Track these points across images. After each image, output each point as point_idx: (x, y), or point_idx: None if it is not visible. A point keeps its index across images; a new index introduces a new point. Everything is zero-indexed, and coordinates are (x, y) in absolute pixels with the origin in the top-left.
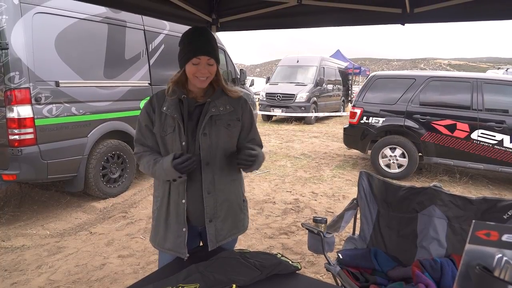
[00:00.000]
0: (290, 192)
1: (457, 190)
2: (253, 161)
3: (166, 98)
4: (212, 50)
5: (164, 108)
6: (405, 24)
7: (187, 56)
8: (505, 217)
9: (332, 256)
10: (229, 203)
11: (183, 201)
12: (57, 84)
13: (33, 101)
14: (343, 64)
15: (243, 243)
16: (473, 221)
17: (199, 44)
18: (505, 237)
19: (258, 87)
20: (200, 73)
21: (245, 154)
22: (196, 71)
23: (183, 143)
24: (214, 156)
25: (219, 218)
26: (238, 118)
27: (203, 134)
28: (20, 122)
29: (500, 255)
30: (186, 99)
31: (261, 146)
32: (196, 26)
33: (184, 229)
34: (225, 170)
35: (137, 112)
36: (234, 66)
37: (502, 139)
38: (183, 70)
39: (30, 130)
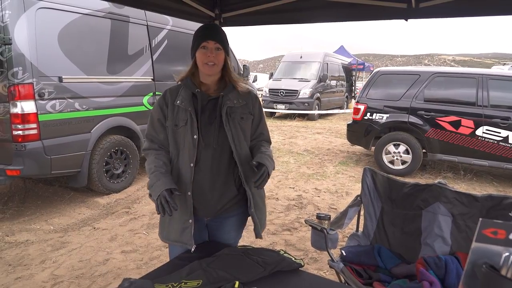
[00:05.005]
0: (293, 188)
1: (461, 187)
2: (266, 174)
3: (180, 92)
4: (220, 37)
5: (178, 102)
6: (408, 20)
7: (197, 43)
8: (510, 214)
9: (336, 252)
10: (259, 192)
11: (189, 193)
12: (60, 79)
13: (36, 97)
14: (347, 60)
15: (246, 239)
16: (480, 219)
17: (207, 32)
18: None
19: (261, 83)
20: (207, 58)
21: (258, 173)
22: (205, 56)
23: (195, 136)
24: (239, 148)
25: (257, 207)
26: (250, 112)
27: (226, 127)
28: (24, 118)
29: (507, 254)
30: (200, 93)
31: (269, 141)
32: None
33: (190, 221)
34: (249, 161)
35: (140, 108)
36: (237, 62)
37: (508, 135)
38: (194, 61)
39: (34, 125)
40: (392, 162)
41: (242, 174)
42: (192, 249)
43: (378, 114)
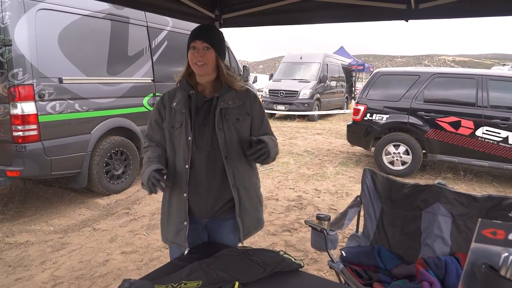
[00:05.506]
0: (293, 189)
1: (461, 187)
2: (265, 150)
3: (177, 94)
4: (209, 37)
5: (174, 104)
6: (409, 21)
7: (188, 44)
8: (510, 215)
9: (335, 253)
10: (250, 197)
11: (185, 195)
12: (60, 80)
13: (36, 98)
14: (347, 61)
15: (246, 240)
16: (479, 219)
17: (196, 32)
18: (511, 236)
19: (261, 84)
20: (195, 58)
21: (254, 146)
22: (193, 56)
23: (189, 137)
24: (231, 151)
25: (245, 212)
26: (248, 112)
27: (219, 129)
28: (24, 119)
29: (506, 254)
30: (194, 95)
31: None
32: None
33: (185, 223)
34: (242, 164)
35: (140, 109)
36: (237, 63)
37: (507, 136)
38: (188, 61)
39: (34, 126)
40: (392, 162)
41: (233, 177)
42: (185, 252)
43: (378, 115)
